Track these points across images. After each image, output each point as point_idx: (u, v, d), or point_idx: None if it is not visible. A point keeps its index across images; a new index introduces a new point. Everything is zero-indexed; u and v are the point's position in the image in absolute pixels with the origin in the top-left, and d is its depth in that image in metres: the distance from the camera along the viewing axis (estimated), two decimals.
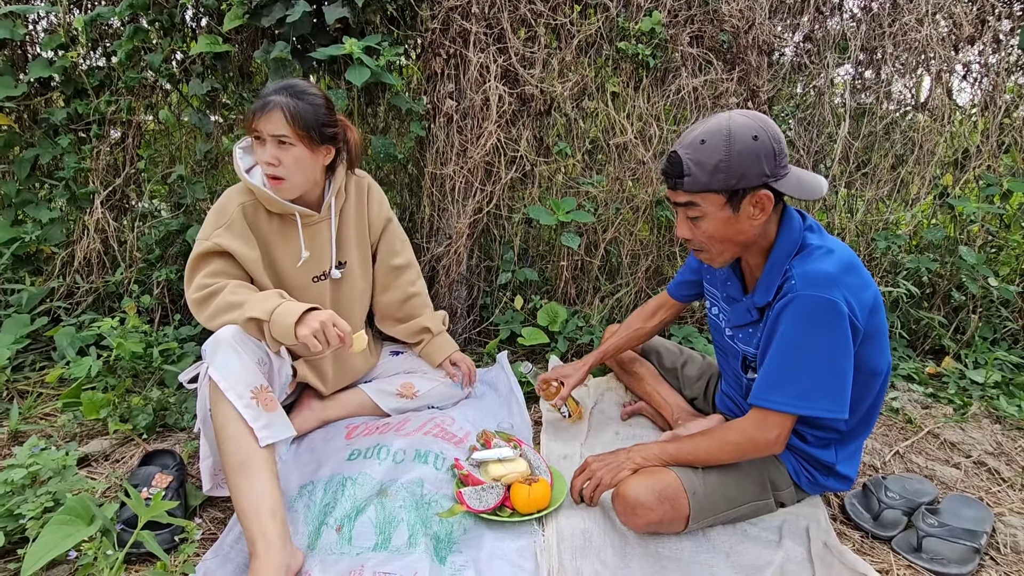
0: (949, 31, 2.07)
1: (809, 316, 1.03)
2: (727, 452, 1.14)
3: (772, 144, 1.03)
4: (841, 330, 1.02)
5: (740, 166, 1.02)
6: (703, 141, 1.03)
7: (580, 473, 1.21)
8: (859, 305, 1.05)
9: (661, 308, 1.57)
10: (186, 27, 1.88)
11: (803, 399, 1.05)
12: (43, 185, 2.01)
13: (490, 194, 1.94)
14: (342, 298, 1.48)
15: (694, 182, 1.05)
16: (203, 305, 1.22)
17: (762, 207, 1.06)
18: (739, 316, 1.23)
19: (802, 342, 1.04)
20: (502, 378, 1.80)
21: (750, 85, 2.02)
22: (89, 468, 1.37)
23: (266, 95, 1.23)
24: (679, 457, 1.16)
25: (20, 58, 1.98)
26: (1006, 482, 1.45)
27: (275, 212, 1.32)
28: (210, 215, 1.29)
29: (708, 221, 1.09)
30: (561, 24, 1.91)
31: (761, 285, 1.15)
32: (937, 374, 2.02)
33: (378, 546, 1.10)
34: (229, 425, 1.07)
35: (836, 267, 1.05)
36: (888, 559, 1.17)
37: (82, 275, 1.98)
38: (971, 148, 2.13)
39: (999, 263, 2.24)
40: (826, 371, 1.04)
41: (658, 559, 1.13)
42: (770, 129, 1.04)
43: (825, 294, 1.02)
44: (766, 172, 1.03)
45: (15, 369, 1.76)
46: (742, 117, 1.04)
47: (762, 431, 1.10)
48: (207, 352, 1.13)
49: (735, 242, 1.12)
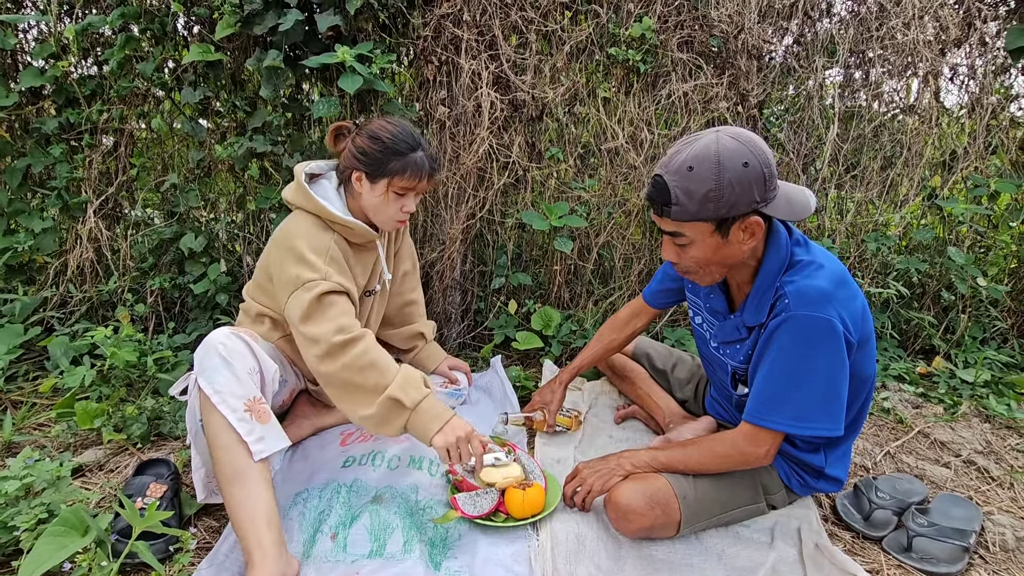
0: (936, 34, 2.10)
1: (805, 337, 1.02)
2: (716, 463, 1.16)
3: (763, 169, 0.98)
4: (837, 349, 1.02)
5: (731, 195, 0.98)
6: (691, 168, 0.98)
7: (571, 479, 1.23)
8: (851, 319, 1.04)
9: (635, 316, 1.54)
10: (178, 35, 1.88)
11: (800, 420, 1.05)
12: (35, 194, 2.01)
13: (483, 199, 1.95)
14: (377, 311, 1.54)
15: (683, 212, 1.00)
16: (343, 351, 1.15)
17: (752, 232, 1.04)
18: (727, 333, 1.21)
19: (799, 364, 1.03)
20: (496, 383, 1.80)
21: (740, 89, 2.04)
22: (83, 478, 1.37)
23: (417, 149, 1.27)
24: (669, 465, 1.17)
25: (11, 67, 1.98)
26: (995, 481, 1.46)
27: (359, 243, 1.36)
28: (304, 251, 1.22)
29: (696, 248, 1.06)
30: (552, 30, 1.92)
31: (751, 304, 1.13)
32: (927, 374, 2.04)
33: (373, 553, 1.10)
34: (222, 435, 1.06)
35: (828, 283, 1.03)
36: (879, 559, 1.18)
37: (75, 284, 1.98)
38: (959, 150, 2.15)
39: (988, 263, 2.27)
40: (823, 392, 1.04)
41: (651, 562, 1.13)
42: (760, 153, 0.99)
43: (820, 313, 1.00)
44: (756, 199, 0.99)
45: (8, 379, 1.75)
46: (731, 141, 0.98)
47: (752, 445, 1.11)
48: (197, 362, 1.11)
49: (724, 264, 1.09)
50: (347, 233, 1.32)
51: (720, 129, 1.02)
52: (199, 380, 1.08)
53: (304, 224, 1.28)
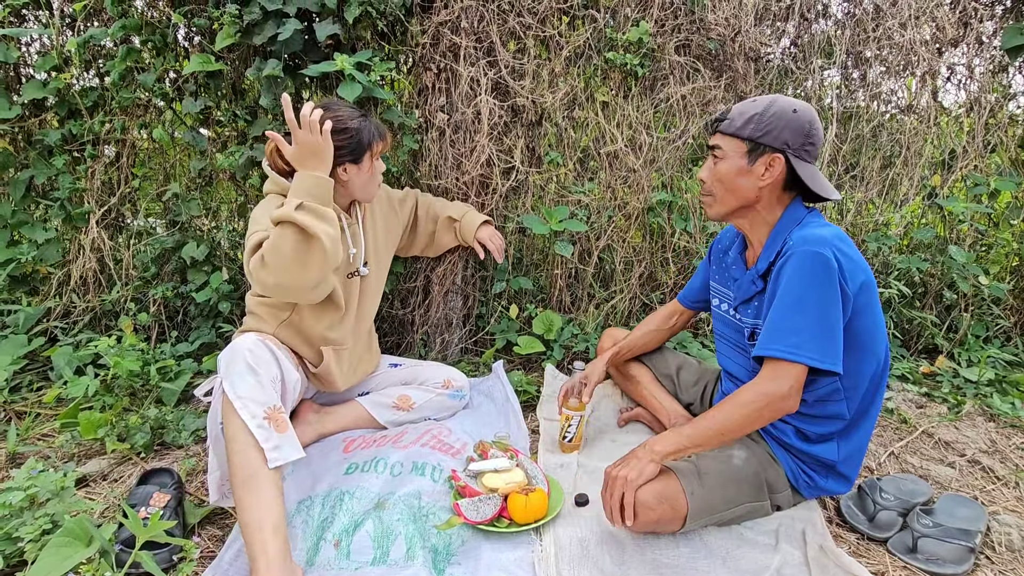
0: (933, 34, 2.10)
1: (803, 269, 1.08)
2: (744, 415, 1.09)
3: (806, 126, 1.14)
4: (831, 283, 1.07)
5: (769, 124, 1.14)
6: (754, 100, 1.18)
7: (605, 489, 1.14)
8: (849, 269, 1.09)
9: (672, 316, 1.63)
10: (178, 46, 1.90)
11: (800, 348, 1.07)
12: (38, 205, 2.02)
13: (483, 204, 1.95)
14: (367, 294, 1.57)
15: (729, 125, 1.18)
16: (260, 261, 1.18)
17: (771, 168, 1.16)
18: (744, 291, 1.28)
19: (797, 293, 1.09)
20: (498, 387, 1.81)
21: (738, 91, 2.05)
22: (87, 488, 1.37)
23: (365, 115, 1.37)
24: (697, 436, 1.10)
25: (14, 80, 2.00)
26: (1000, 480, 1.46)
27: None
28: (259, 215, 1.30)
29: (725, 163, 1.20)
30: (550, 36, 1.93)
31: (763, 254, 1.22)
32: (931, 373, 2.03)
33: (376, 560, 1.10)
34: (240, 438, 1.08)
35: (830, 233, 1.11)
36: (884, 561, 1.17)
37: (78, 294, 1.99)
38: (958, 148, 2.15)
39: (989, 261, 2.26)
40: (819, 322, 1.07)
41: (656, 566, 1.13)
42: (812, 119, 1.15)
43: (817, 249, 1.08)
44: (788, 141, 1.14)
45: (12, 390, 1.76)
46: (797, 100, 1.17)
47: (773, 383, 1.08)
48: (222, 365, 1.14)
49: (736, 196, 1.21)
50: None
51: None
52: (224, 384, 1.11)
53: (267, 201, 1.36)
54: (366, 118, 1.37)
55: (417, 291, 2.03)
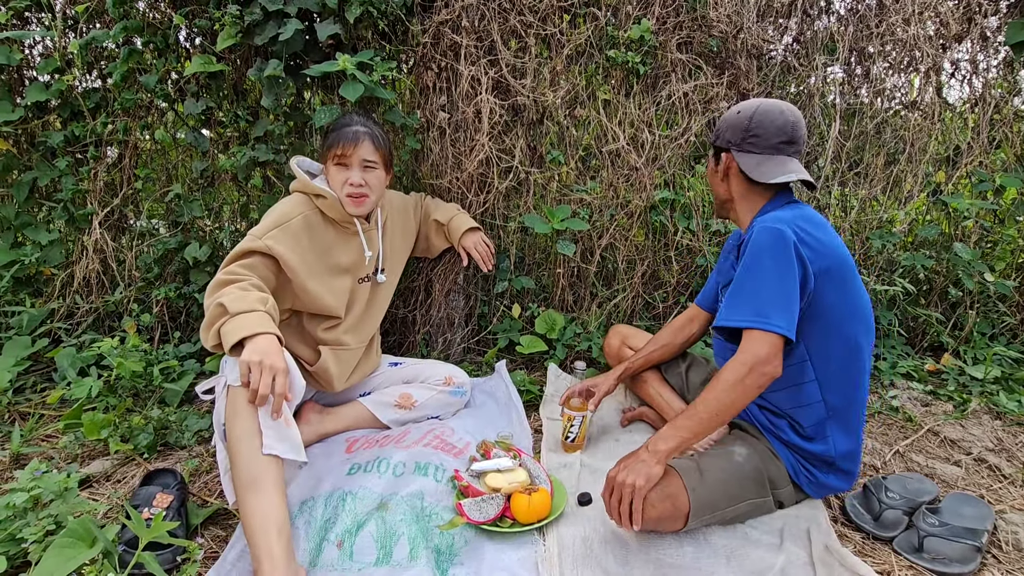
0: (936, 30, 2.09)
1: (759, 243, 1.14)
2: (731, 389, 1.08)
3: (744, 121, 1.24)
4: (786, 254, 1.11)
5: (719, 127, 1.30)
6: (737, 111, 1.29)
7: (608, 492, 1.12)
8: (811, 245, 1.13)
9: (690, 321, 1.60)
10: (180, 48, 1.90)
11: (759, 315, 1.10)
12: (42, 207, 2.03)
13: (484, 203, 1.95)
14: (377, 300, 1.59)
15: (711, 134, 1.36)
16: (217, 287, 1.20)
17: (726, 169, 1.30)
18: (727, 275, 1.39)
19: (753, 264, 1.14)
20: (501, 387, 1.80)
21: (740, 88, 2.04)
22: (91, 489, 1.38)
23: (348, 126, 1.40)
24: (694, 425, 1.10)
25: (17, 82, 2.00)
26: (1007, 479, 1.45)
27: (338, 221, 1.44)
28: (270, 217, 1.35)
29: (709, 170, 1.37)
30: (551, 34, 1.93)
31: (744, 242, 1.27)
32: (936, 371, 2.02)
33: (379, 560, 1.10)
34: (243, 441, 1.07)
35: (792, 214, 1.17)
36: (889, 560, 1.17)
37: (82, 295, 1.99)
38: (962, 145, 2.14)
39: (994, 258, 2.25)
40: (773, 289, 1.10)
41: (659, 566, 1.13)
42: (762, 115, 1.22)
43: (772, 224, 1.13)
44: (730, 139, 1.26)
45: (16, 391, 1.77)
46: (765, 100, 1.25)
47: (750, 352, 1.07)
48: (232, 365, 1.11)
49: (716, 194, 1.36)
50: (325, 207, 1.41)
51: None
52: (228, 379, 1.10)
53: (289, 200, 1.40)
54: (348, 125, 1.41)
55: (419, 290, 2.03)
